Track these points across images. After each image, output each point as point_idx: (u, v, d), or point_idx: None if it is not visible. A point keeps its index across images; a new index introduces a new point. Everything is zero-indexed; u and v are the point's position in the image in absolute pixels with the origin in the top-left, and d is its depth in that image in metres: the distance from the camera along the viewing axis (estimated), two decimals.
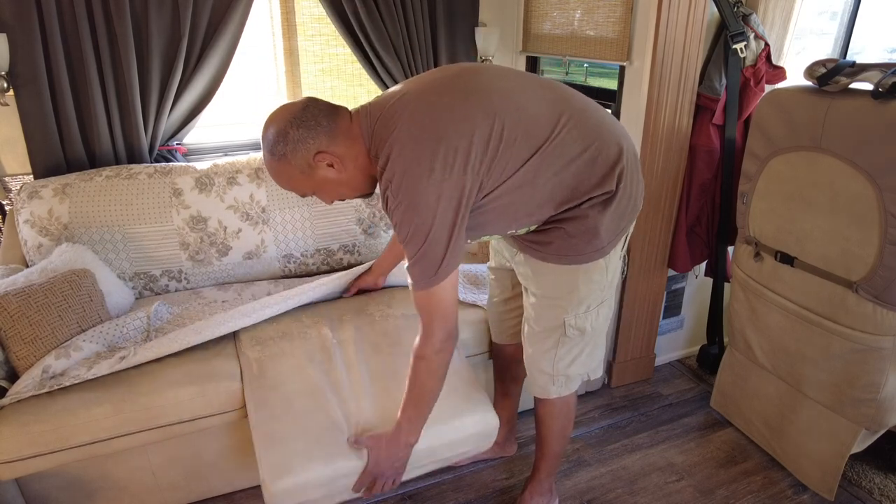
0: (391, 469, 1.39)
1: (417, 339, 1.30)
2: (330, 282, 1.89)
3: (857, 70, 1.60)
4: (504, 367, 1.86)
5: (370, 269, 1.93)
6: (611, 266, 1.43)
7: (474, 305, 1.90)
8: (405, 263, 1.25)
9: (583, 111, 1.29)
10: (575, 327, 1.46)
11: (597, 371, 1.60)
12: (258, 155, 2.21)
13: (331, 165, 1.22)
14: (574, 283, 1.40)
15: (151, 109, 2.11)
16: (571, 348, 1.51)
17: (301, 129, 1.19)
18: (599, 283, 1.43)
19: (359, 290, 1.96)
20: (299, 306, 1.85)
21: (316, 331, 1.75)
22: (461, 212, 1.19)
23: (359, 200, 2.24)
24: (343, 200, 1.35)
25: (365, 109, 1.25)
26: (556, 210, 1.31)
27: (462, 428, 1.51)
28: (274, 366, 1.62)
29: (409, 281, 1.25)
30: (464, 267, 2.07)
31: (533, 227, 1.38)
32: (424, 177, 1.14)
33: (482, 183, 1.21)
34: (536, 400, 1.64)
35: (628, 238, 1.48)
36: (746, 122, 2.04)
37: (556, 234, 1.35)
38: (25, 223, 1.93)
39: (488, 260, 1.74)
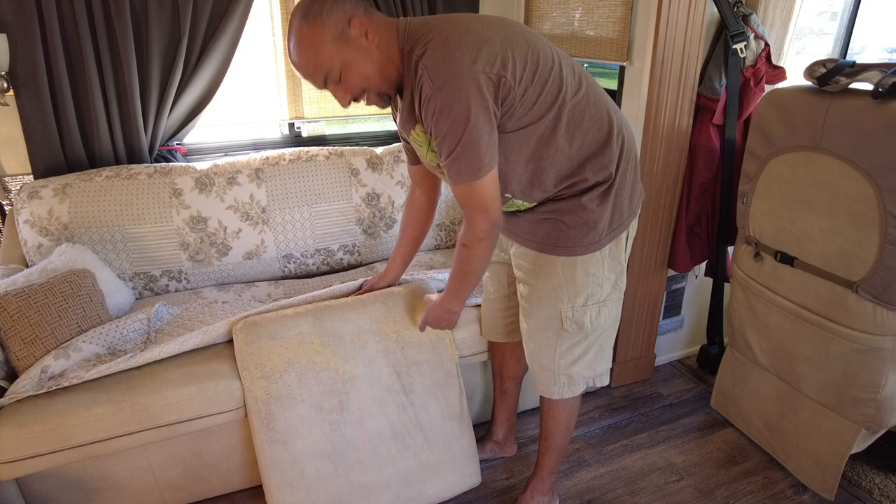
0: (439, 323, 1.60)
1: (462, 227, 1.33)
2: (330, 292, 1.83)
3: (857, 70, 1.60)
4: (501, 364, 1.87)
5: (381, 276, 1.85)
6: (608, 263, 1.44)
7: (475, 305, 1.90)
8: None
9: (598, 90, 1.35)
10: (573, 320, 1.46)
11: (602, 379, 1.60)
12: (258, 155, 2.21)
13: (364, 36, 1.20)
14: (571, 273, 1.42)
15: (151, 109, 2.11)
16: (573, 346, 1.51)
17: None
18: (597, 276, 1.44)
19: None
20: (306, 321, 1.71)
21: (324, 359, 1.66)
22: (497, 110, 1.19)
23: (358, 200, 2.24)
24: (360, 98, 1.28)
25: (403, 17, 1.26)
26: (556, 186, 1.34)
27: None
28: (282, 414, 1.59)
29: (448, 176, 1.25)
30: None
31: (529, 205, 1.40)
32: (466, 65, 1.14)
33: (513, 105, 1.21)
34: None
35: (630, 241, 1.49)
36: (746, 122, 2.04)
37: (555, 226, 1.38)
38: (25, 223, 1.93)
39: None
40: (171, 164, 2.14)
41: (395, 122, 1.49)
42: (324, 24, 1.17)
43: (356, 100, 1.27)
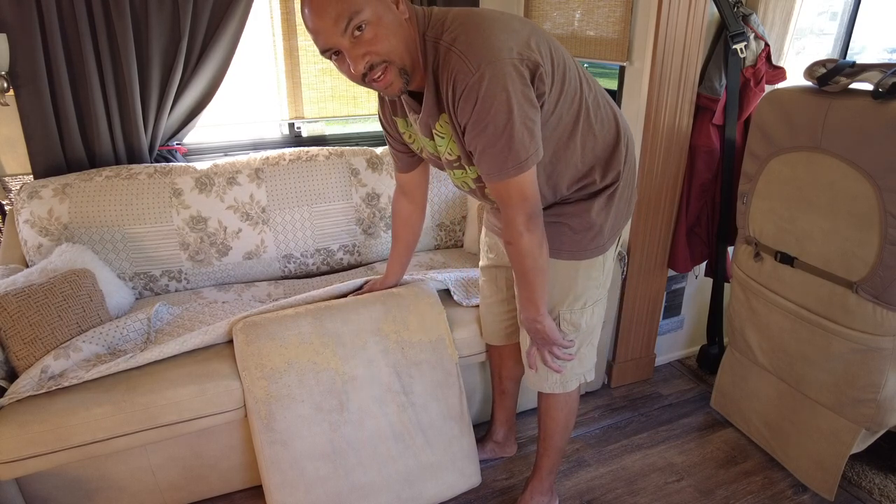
0: (542, 340, 1.43)
1: (502, 225, 1.27)
2: (330, 291, 1.82)
3: (857, 70, 1.60)
4: (500, 364, 1.86)
5: (381, 280, 1.84)
6: (607, 265, 1.46)
7: (474, 305, 1.90)
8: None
9: (603, 92, 1.35)
10: (570, 322, 1.47)
11: (590, 374, 1.59)
12: (258, 155, 2.21)
13: (396, 3, 1.11)
14: (573, 278, 1.42)
15: (151, 109, 2.11)
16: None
17: None
18: (597, 280, 1.45)
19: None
20: (306, 321, 1.70)
21: (324, 360, 1.66)
22: (535, 99, 1.13)
23: (358, 200, 2.24)
24: (375, 70, 1.09)
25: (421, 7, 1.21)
26: (567, 189, 1.34)
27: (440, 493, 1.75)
28: (282, 414, 1.59)
29: (483, 172, 1.18)
30: (462, 273, 2.06)
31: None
32: (504, 50, 1.08)
33: (543, 97, 1.16)
34: (539, 393, 1.64)
35: (620, 241, 1.51)
36: (746, 123, 2.04)
37: (560, 230, 1.38)
38: (25, 223, 1.93)
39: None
40: (171, 164, 2.14)
41: (383, 120, 1.44)
42: None
43: (367, 74, 1.10)
